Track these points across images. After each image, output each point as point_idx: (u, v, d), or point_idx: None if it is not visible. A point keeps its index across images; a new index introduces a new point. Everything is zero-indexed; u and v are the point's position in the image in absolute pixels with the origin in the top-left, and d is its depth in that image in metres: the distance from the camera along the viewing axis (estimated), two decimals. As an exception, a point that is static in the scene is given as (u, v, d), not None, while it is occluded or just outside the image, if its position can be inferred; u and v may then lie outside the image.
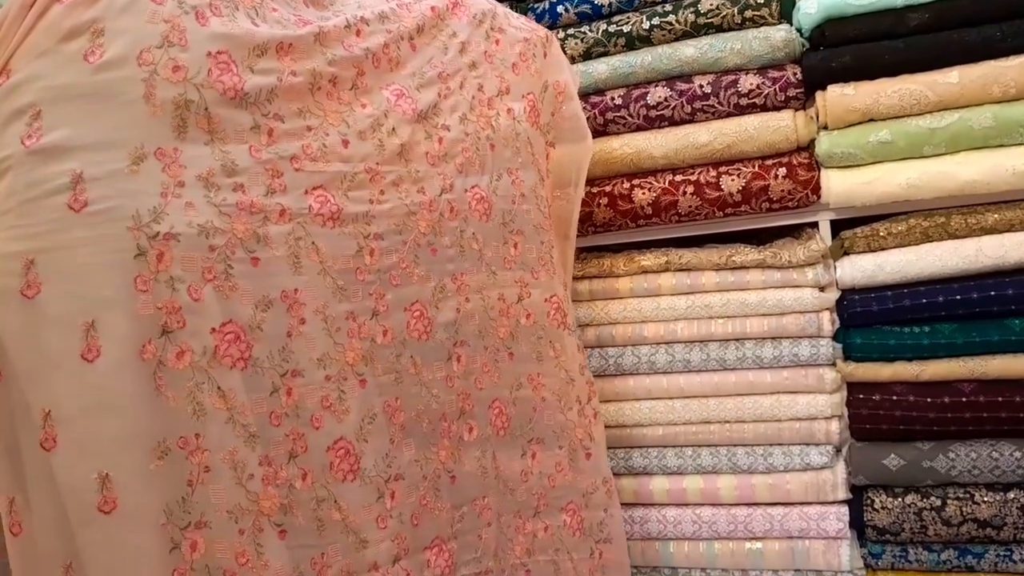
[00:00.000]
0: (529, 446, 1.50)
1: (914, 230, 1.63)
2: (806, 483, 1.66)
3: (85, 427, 0.95)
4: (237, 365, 1.06)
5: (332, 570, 1.14)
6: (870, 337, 1.64)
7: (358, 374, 1.20)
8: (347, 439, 1.17)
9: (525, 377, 1.50)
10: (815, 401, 1.67)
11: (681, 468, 1.73)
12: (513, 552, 1.44)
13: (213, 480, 1.02)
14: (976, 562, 1.56)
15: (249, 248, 1.09)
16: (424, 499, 1.28)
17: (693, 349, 1.74)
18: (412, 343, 1.29)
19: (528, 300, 1.53)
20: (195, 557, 1.00)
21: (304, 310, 1.14)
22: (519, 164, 1.53)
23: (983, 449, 1.56)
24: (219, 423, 1.03)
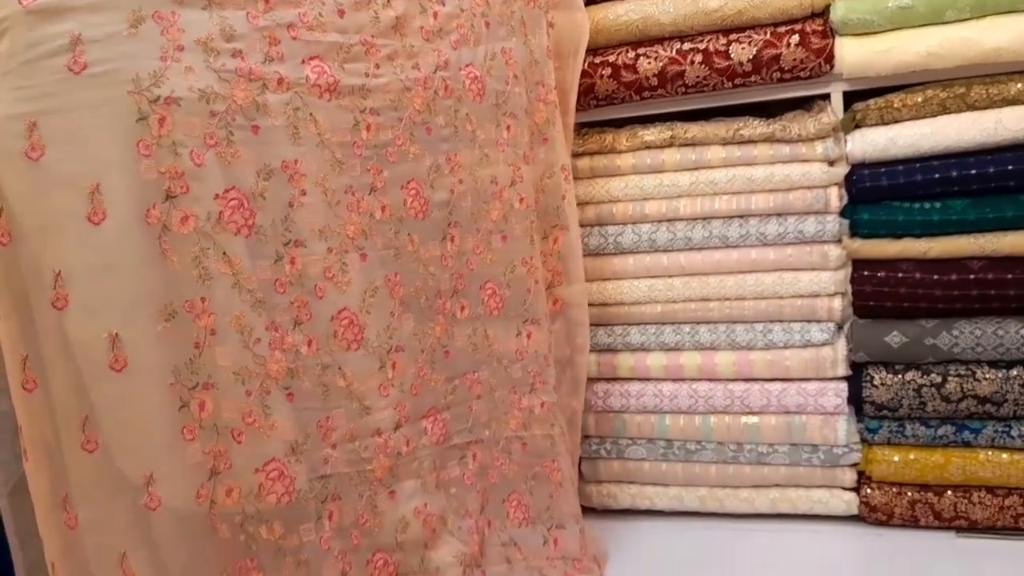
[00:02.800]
0: (524, 326, 1.53)
1: (931, 101, 1.56)
2: (805, 360, 1.65)
3: (94, 288, 0.98)
4: (241, 232, 1.09)
5: (337, 433, 1.19)
6: (878, 213, 1.60)
7: (358, 248, 1.24)
8: (351, 310, 1.21)
9: (519, 260, 1.53)
10: (818, 278, 1.64)
11: (679, 344, 1.73)
12: (508, 425, 1.48)
13: (220, 343, 1.07)
14: (973, 437, 1.56)
15: (249, 116, 1.11)
16: (422, 371, 1.32)
17: (695, 226, 1.70)
18: (409, 221, 1.32)
19: (521, 184, 1.53)
20: (203, 416, 1.05)
21: (304, 181, 1.16)
22: (513, 44, 1.50)
23: (988, 327, 1.53)
24: (225, 288, 1.07)
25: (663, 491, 1.77)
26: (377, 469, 1.23)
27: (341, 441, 1.19)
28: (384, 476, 1.24)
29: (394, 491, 1.24)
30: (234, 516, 1.07)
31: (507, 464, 1.46)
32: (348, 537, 1.18)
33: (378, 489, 1.23)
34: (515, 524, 1.46)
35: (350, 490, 1.19)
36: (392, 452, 1.25)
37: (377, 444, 1.23)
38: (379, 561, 1.22)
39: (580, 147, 1.78)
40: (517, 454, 1.49)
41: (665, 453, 1.74)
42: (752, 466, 1.70)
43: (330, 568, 1.16)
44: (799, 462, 1.67)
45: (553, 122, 1.63)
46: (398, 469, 1.26)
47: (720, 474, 1.72)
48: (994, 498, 1.56)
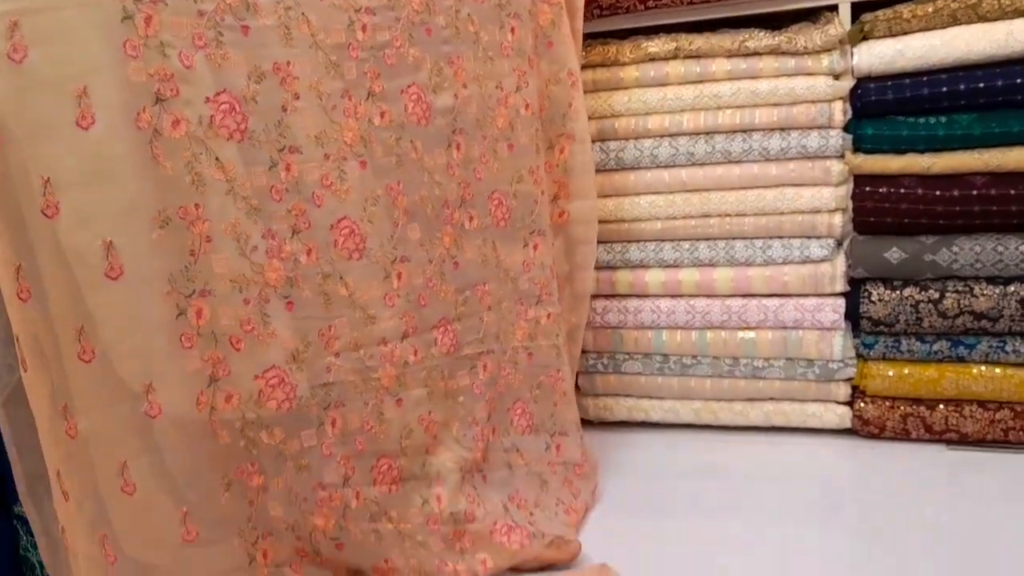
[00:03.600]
0: (531, 238, 1.51)
1: (942, 12, 1.52)
2: (804, 276, 1.65)
3: (85, 195, 0.96)
4: (234, 137, 1.06)
5: (340, 342, 1.18)
6: (882, 128, 1.58)
7: (357, 155, 1.20)
8: (351, 219, 1.19)
9: (526, 170, 1.50)
10: (819, 194, 1.63)
11: (678, 261, 1.72)
12: (515, 336, 1.48)
13: (215, 250, 1.05)
14: (967, 353, 1.57)
15: (239, 15, 1.06)
16: (431, 281, 1.30)
17: (698, 141, 1.68)
18: (411, 127, 1.28)
19: (527, 89, 1.49)
20: (201, 323, 1.05)
21: (297, 84, 1.13)
22: None
23: (988, 243, 1.53)
24: (219, 194, 1.05)
25: (658, 404, 1.79)
26: (384, 378, 1.23)
27: (345, 349, 1.18)
28: (391, 384, 1.24)
29: (401, 399, 1.25)
30: (234, 422, 1.08)
31: (513, 374, 1.47)
32: (352, 443, 1.19)
33: (384, 397, 1.23)
34: (519, 431, 1.48)
35: (355, 398, 1.20)
36: (399, 362, 1.24)
37: (383, 353, 1.22)
38: (383, 466, 1.23)
39: (583, 59, 1.74)
40: (523, 364, 1.49)
41: (661, 367, 1.76)
42: (747, 380, 1.72)
43: (331, 472, 1.17)
44: (794, 376, 1.68)
45: (559, 24, 1.57)
46: (406, 378, 1.26)
47: (715, 388, 1.74)
48: (985, 412, 1.58)
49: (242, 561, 1.12)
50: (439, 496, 1.27)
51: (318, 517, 1.16)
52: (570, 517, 1.44)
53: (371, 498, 1.21)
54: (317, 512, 1.16)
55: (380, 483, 1.22)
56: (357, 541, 1.19)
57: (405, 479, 1.26)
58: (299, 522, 1.15)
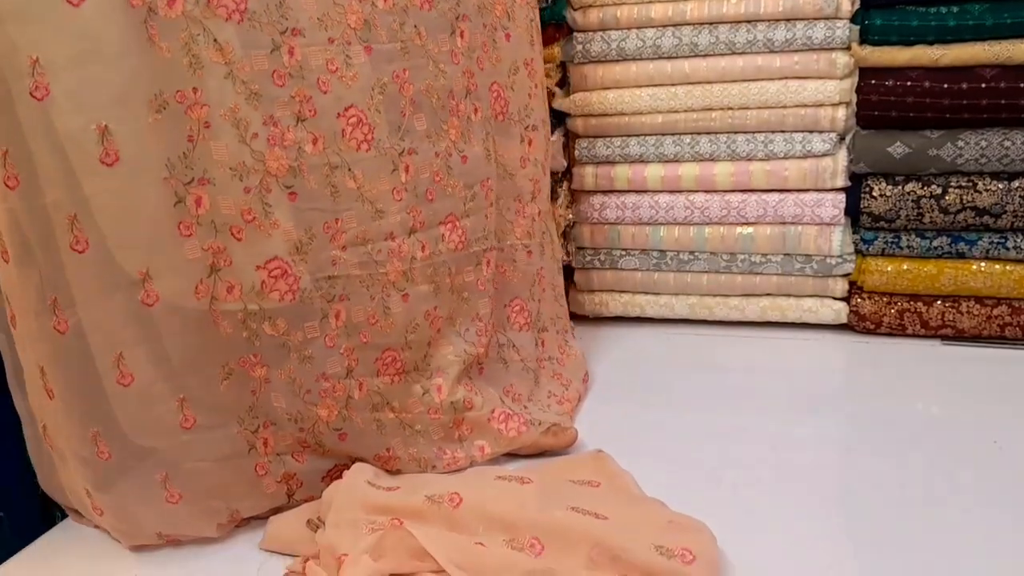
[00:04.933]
0: (526, 133, 1.48)
1: None
2: (805, 170, 1.63)
3: (77, 76, 0.93)
4: (232, 17, 1.02)
5: (347, 235, 1.16)
6: (891, 18, 1.53)
7: (362, 39, 1.15)
8: (358, 107, 1.15)
9: (521, 61, 1.45)
10: (824, 87, 1.59)
11: (678, 156, 1.70)
12: (513, 233, 1.47)
13: (214, 137, 1.02)
14: (968, 248, 1.57)
15: None
16: (438, 175, 1.27)
17: (702, 32, 1.63)
18: (415, 11, 1.23)
19: None
20: (200, 212, 1.03)
21: None
22: None
23: (995, 138, 1.51)
24: (218, 78, 1.02)
25: (653, 299, 1.79)
26: (391, 272, 1.21)
27: (351, 243, 1.16)
28: (398, 279, 1.22)
29: (407, 294, 1.23)
30: (236, 313, 1.07)
31: (512, 271, 1.46)
32: (356, 335, 1.18)
33: (391, 291, 1.22)
34: (516, 328, 1.48)
35: (361, 291, 1.18)
36: (406, 257, 1.22)
37: (391, 248, 1.20)
38: (388, 358, 1.23)
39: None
40: (521, 261, 1.48)
41: (658, 263, 1.76)
42: (744, 275, 1.72)
43: (335, 364, 1.17)
44: (791, 272, 1.69)
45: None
46: (413, 273, 1.24)
47: (711, 283, 1.74)
48: (982, 308, 1.59)
49: (241, 448, 1.13)
50: (439, 387, 1.28)
51: (321, 408, 1.16)
52: (563, 407, 1.45)
53: (374, 388, 1.22)
54: (320, 403, 1.16)
55: (383, 374, 1.23)
56: (359, 430, 1.21)
57: (408, 371, 1.26)
58: (302, 413, 1.15)
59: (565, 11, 1.70)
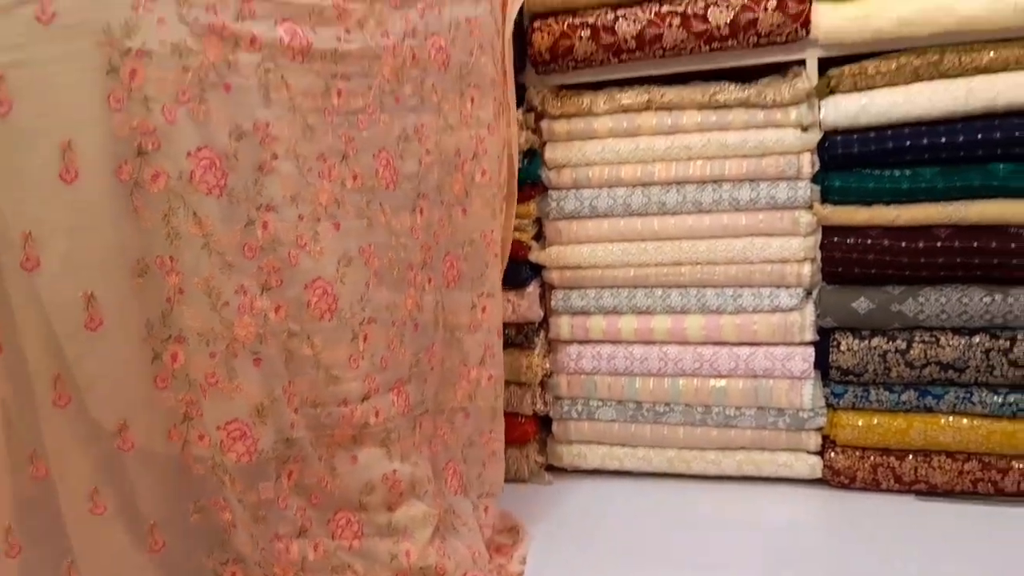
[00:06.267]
0: (480, 299, 1.53)
1: (904, 68, 1.56)
2: (774, 324, 1.67)
3: (68, 247, 0.97)
4: (213, 192, 1.07)
5: (299, 398, 1.19)
6: (850, 180, 1.61)
7: (331, 216, 1.22)
8: (325, 279, 1.20)
9: (478, 233, 1.52)
10: (788, 244, 1.65)
11: (650, 308, 1.74)
12: (455, 396, 1.50)
13: (187, 302, 1.07)
14: (935, 403, 1.59)
15: (221, 73, 1.07)
16: (393, 343, 1.32)
17: (670, 191, 1.71)
18: (380, 191, 1.30)
19: (484, 156, 1.51)
20: (176, 367, 1.07)
21: (276, 145, 1.14)
22: (478, 13, 1.47)
23: (953, 294, 1.55)
24: (194, 248, 1.06)
25: (632, 452, 1.79)
26: (338, 435, 1.24)
27: (303, 406, 1.20)
28: (346, 442, 1.25)
29: (356, 456, 1.25)
30: (206, 459, 1.10)
31: (449, 433, 1.48)
32: (307, 496, 1.20)
33: (337, 452, 1.24)
34: (452, 492, 1.48)
35: (311, 452, 1.21)
36: (358, 423, 1.25)
37: (343, 413, 1.23)
38: (341, 520, 1.24)
39: (557, 110, 1.77)
40: (459, 424, 1.50)
41: (634, 415, 1.77)
42: (719, 428, 1.73)
43: (287, 525, 1.18)
44: (765, 425, 1.70)
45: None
46: (362, 437, 1.27)
47: (688, 436, 1.75)
48: (953, 462, 1.59)
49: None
50: (408, 552, 1.28)
51: (277, 567, 1.16)
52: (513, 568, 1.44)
53: (331, 550, 1.21)
54: (277, 562, 1.16)
55: (340, 537, 1.23)
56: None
57: (368, 534, 1.26)
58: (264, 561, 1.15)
59: (541, 170, 1.79)
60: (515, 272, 1.76)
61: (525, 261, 1.79)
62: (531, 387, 1.81)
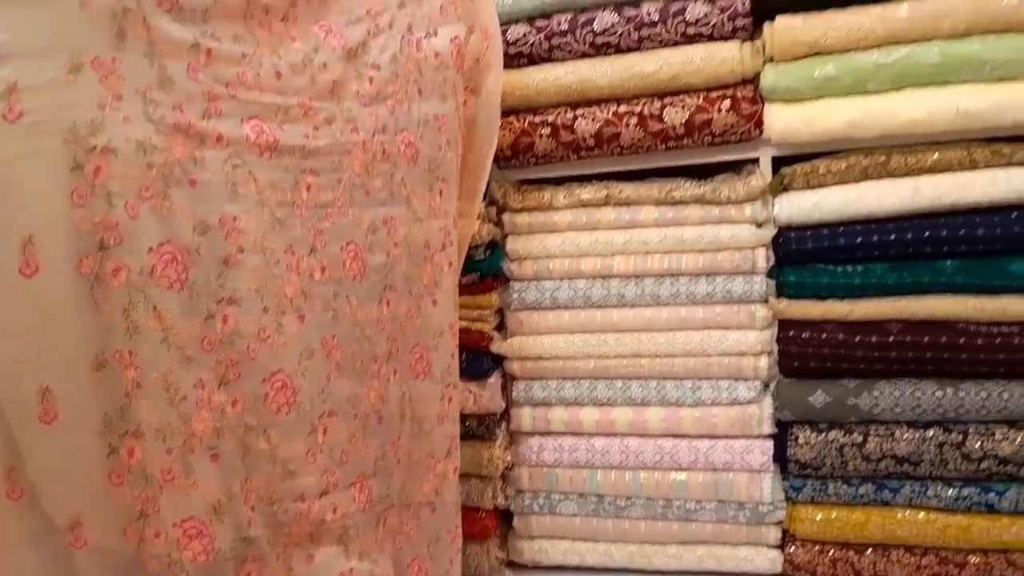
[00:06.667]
0: (447, 391, 1.54)
1: (853, 168, 1.61)
2: (732, 417, 1.68)
3: (26, 342, 0.97)
4: (173, 286, 1.07)
5: (255, 495, 1.17)
6: (804, 275, 1.64)
7: (297, 309, 1.21)
8: (285, 372, 1.19)
9: (447, 323, 1.53)
10: (745, 337, 1.68)
11: (611, 400, 1.75)
12: (421, 490, 1.48)
13: (145, 396, 1.05)
14: (892, 496, 1.60)
15: (186, 169, 1.08)
16: (354, 437, 1.30)
17: (629, 284, 1.74)
18: (348, 283, 1.30)
19: (451, 248, 1.54)
20: (132, 462, 1.06)
21: (243, 238, 1.14)
22: (445, 110, 1.51)
23: (906, 388, 1.57)
24: (153, 343, 1.06)
25: (593, 547, 1.78)
26: (295, 533, 1.21)
27: (260, 503, 1.17)
28: (303, 541, 1.22)
29: (312, 555, 1.23)
30: (163, 556, 1.08)
31: (415, 529, 1.46)
32: None
33: (294, 551, 1.21)
34: None
35: (268, 552, 1.18)
36: (315, 519, 1.23)
37: (299, 510, 1.21)
38: None
39: (519, 203, 1.81)
40: (425, 519, 1.48)
41: (596, 508, 1.76)
42: (680, 522, 1.72)
43: None
44: (726, 519, 1.69)
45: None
46: (320, 535, 1.24)
47: (649, 530, 1.74)
48: (912, 556, 1.60)
49: None
50: None
51: None
52: None
53: None
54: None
55: None
56: None
57: None
58: None
59: (502, 262, 1.82)
60: (477, 363, 1.76)
61: (487, 352, 1.79)
62: (492, 480, 1.79)
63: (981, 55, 1.52)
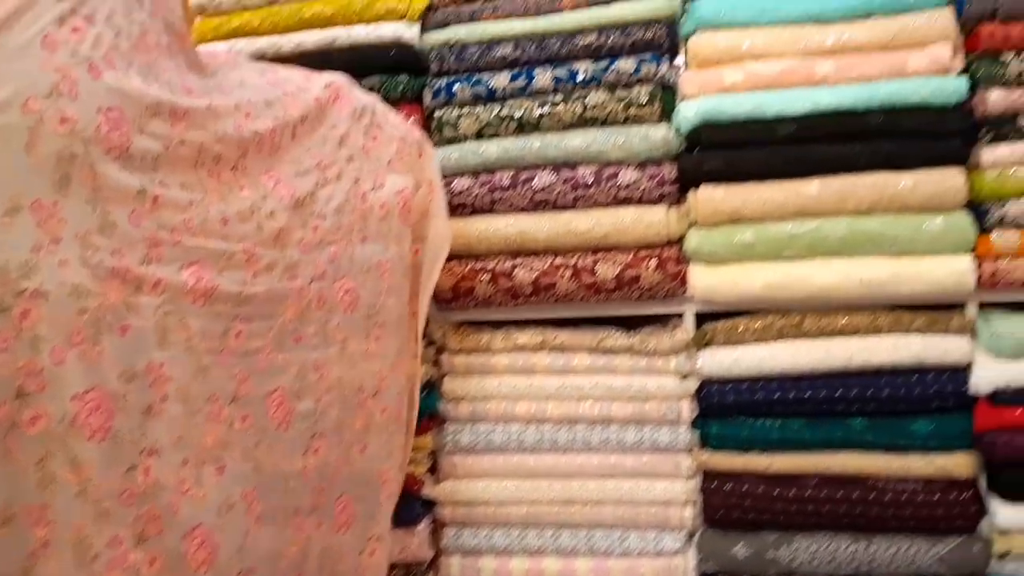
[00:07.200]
0: (369, 543, 1.53)
1: (770, 328, 1.72)
2: (659, 568, 1.72)
3: None
4: (96, 436, 1.03)
5: None
6: (726, 427, 1.72)
7: (216, 459, 1.19)
8: (205, 526, 1.15)
9: (375, 472, 1.53)
10: (672, 487, 1.74)
11: (541, 548, 1.77)
12: None
13: (53, 557, 0.99)
14: (811, 651, 1.64)
15: (119, 315, 1.06)
16: None
17: (562, 429, 1.79)
18: (272, 432, 1.28)
19: (386, 394, 1.55)
20: None
21: (167, 387, 1.12)
22: (387, 258, 1.55)
23: (823, 542, 1.64)
24: (67, 497, 1.01)
25: None
26: None
27: None
28: None
29: None
30: None
31: None
32: None
33: None
34: None
35: None
36: None
37: None
38: None
39: (458, 345, 1.86)
40: None
41: (524, 661, 1.75)
42: (606, 675, 1.72)
43: None
44: (651, 670, 1.70)
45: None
46: None
47: None
48: None
49: None
50: None
51: None
52: None
53: None
54: None
55: None
56: None
57: None
58: None
59: (438, 402, 1.85)
60: (407, 508, 1.75)
61: (417, 497, 1.80)
62: (419, 633, 1.78)
63: (882, 231, 1.67)
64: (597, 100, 1.80)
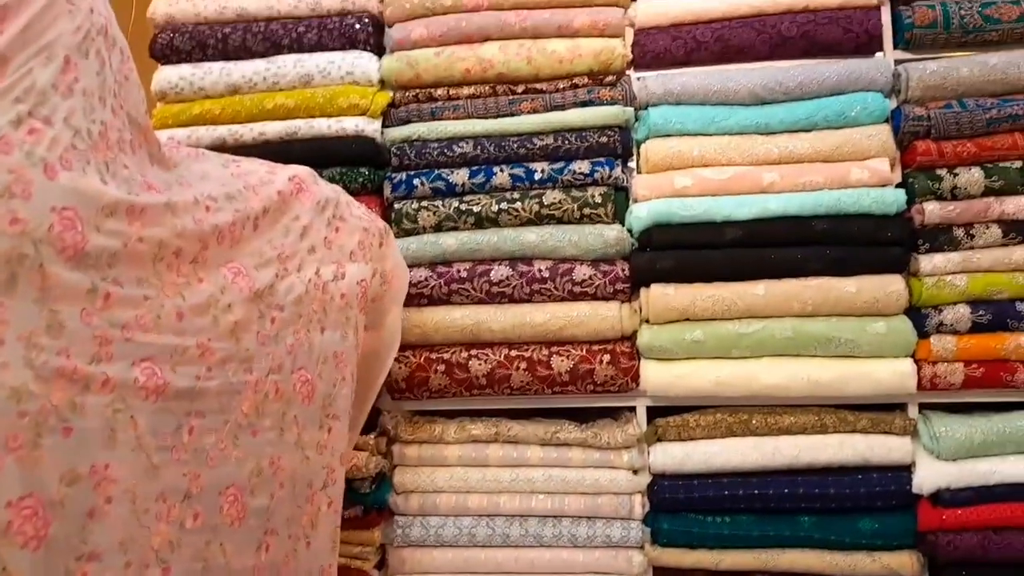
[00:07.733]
0: None
1: (720, 424, 1.76)
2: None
3: None
4: (29, 545, 0.97)
5: None
6: (676, 523, 1.73)
7: (162, 561, 1.14)
8: None
9: (318, 567, 1.49)
10: (624, 582, 1.74)
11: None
12: None
13: None
14: None
15: (62, 417, 1.02)
16: None
17: (514, 523, 1.78)
18: (224, 529, 1.24)
19: (333, 487, 1.53)
20: None
21: (112, 488, 1.07)
22: (345, 347, 1.55)
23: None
24: None
25: None
26: None
27: None
28: None
29: None
30: None
31: None
32: None
33: None
34: None
35: None
36: None
37: None
38: None
39: (411, 435, 1.86)
40: None
41: None
42: None
43: None
44: None
45: None
46: None
47: None
48: None
49: None
50: None
51: None
52: None
53: None
54: None
55: None
56: None
57: None
58: None
59: (388, 495, 1.84)
60: (355, 604, 1.74)
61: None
62: None
63: (827, 333, 1.73)
64: (553, 199, 1.85)
